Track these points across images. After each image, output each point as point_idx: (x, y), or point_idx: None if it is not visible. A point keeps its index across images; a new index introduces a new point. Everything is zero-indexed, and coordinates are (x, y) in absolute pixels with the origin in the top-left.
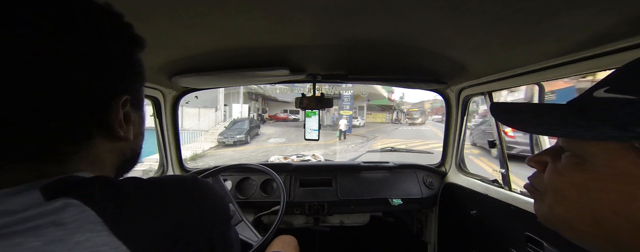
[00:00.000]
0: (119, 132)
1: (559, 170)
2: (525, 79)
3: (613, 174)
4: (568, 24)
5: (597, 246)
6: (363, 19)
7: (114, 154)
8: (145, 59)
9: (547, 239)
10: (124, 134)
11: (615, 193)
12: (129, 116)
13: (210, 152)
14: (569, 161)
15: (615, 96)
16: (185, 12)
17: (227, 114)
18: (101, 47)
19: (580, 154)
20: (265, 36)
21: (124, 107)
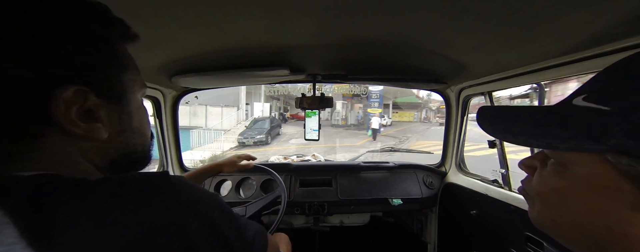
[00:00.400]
0: (71, 129)
1: (543, 176)
2: (525, 79)
3: (590, 185)
4: (568, 24)
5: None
6: (363, 19)
7: (93, 154)
8: (145, 59)
9: (547, 239)
10: (83, 131)
11: (592, 204)
12: (94, 111)
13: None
14: (553, 168)
15: (591, 106)
16: (185, 12)
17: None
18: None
19: (562, 162)
20: (265, 36)
21: (81, 100)
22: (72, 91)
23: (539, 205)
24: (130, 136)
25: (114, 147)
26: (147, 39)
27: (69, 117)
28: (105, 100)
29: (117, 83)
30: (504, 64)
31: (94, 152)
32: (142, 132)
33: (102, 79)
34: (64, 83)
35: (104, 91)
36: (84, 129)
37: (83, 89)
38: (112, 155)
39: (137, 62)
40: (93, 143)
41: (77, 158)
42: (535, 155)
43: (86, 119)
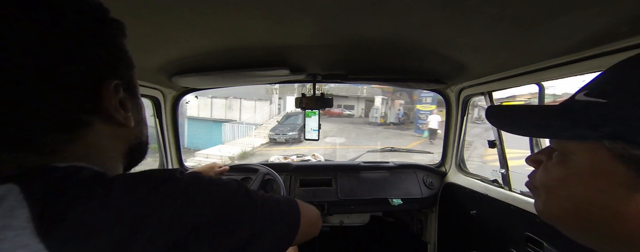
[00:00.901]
0: (117, 117)
1: (548, 167)
2: (525, 79)
3: (589, 170)
4: (568, 24)
5: (585, 240)
6: (363, 19)
7: (119, 141)
8: (145, 59)
9: (547, 239)
10: (123, 119)
11: (590, 187)
12: (124, 102)
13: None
14: (556, 158)
15: (591, 99)
16: (185, 12)
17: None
18: (83, 33)
19: (564, 152)
20: (265, 36)
21: (117, 92)
22: (114, 84)
23: (543, 195)
24: (142, 127)
25: (134, 135)
26: (147, 39)
27: (115, 106)
28: (128, 93)
29: (131, 79)
30: (504, 64)
31: (122, 139)
32: (146, 124)
33: (125, 75)
34: (109, 76)
35: (127, 86)
36: (124, 116)
37: (119, 82)
38: (132, 142)
39: (136, 62)
40: (124, 131)
41: (112, 143)
42: (541, 150)
43: (125, 108)
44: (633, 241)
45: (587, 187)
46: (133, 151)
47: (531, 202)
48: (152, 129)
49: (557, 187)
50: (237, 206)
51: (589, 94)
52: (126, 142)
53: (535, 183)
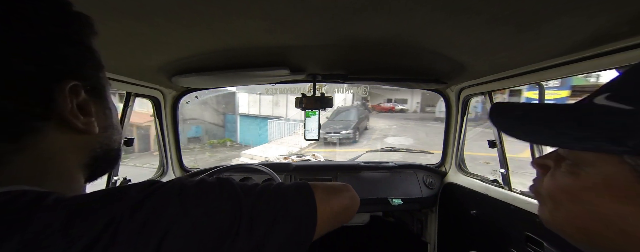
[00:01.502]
0: (74, 122)
1: (556, 176)
2: (525, 79)
3: (605, 187)
4: (568, 24)
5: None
6: (363, 19)
7: (78, 151)
8: (145, 59)
9: (547, 239)
10: (83, 125)
11: (606, 206)
12: (86, 105)
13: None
14: (567, 168)
15: (614, 105)
16: (185, 12)
17: None
18: (34, 25)
19: (576, 162)
20: (265, 36)
21: (75, 95)
22: (71, 85)
23: (550, 205)
24: (112, 132)
25: (99, 142)
26: (147, 38)
27: (72, 110)
28: (91, 96)
29: (98, 80)
30: (504, 64)
31: (82, 147)
32: (119, 130)
33: (88, 76)
34: (63, 77)
35: (90, 87)
36: (84, 122)
37: (77, 84)
38: (96, 151)
39: (137, 62)
40: (84, 138)
41: (69, 153)
42: (549, 154)
43: (82, 113)
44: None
45: (601, 207)
46: (97, 160)
47: (531, 202)
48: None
49: (566, 200)
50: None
51: (611, 98)
52: (88, 151)
53: (540, 190)
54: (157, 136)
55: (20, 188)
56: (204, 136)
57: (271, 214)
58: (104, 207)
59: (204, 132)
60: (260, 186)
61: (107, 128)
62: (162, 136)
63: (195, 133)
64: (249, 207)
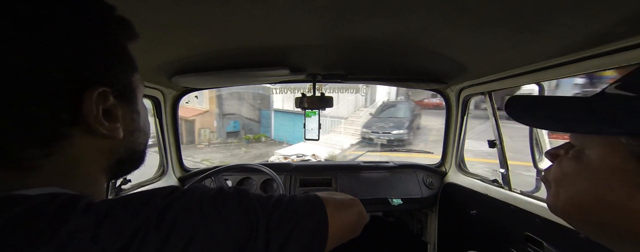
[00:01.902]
0: (98, 129)
1: (562, 162)
2: (525, 79)
3: (600, 166)
4: (568, 24)
5: (593, 235)
6: (363, 19)
7: (103, 154)
8: (145, 59)
9: (547, 239)
10: (107, 131)
11: (599, 182)
12: (113, 111)
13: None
14: (572, 153)
15: (621, 93)
16: (185, 11)
17: (367, 97)
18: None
19: (581, 147)
20: (266, 36)
21: (103, 101)
22: (98, 92)
23: (554, 189)
24: (138, 135)
25: (124, 146)
26: (147, 38)
27: (97, 117)
28: (120, 100)
29: (129, 83)
30: (504, 64)
31: (108, 152)
32: (146, 132)
33: (119, 80)
34: (92, 84)
35: (120, 92)
36: (108, 128)
37: (106, 89)
38: (121, 154)
39: (137, 62)
40: (110, 142)
41: (95, 158)
42: (561, 145)
43: (108, 119)
44: (634, 237)
45: (596, 183)
46: (121, 163)
47: (531, 202)
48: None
49: (567, 182)
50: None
51: (620, 87)
52: (113, 155)
53: (548, 177)
54: (157, 135)
55: (52, 190)
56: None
57: (286, 229)
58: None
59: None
60: (273, 198)
61: (134, 131)
62: (162, 136)
63: (234, 128)
64: (265, 221)
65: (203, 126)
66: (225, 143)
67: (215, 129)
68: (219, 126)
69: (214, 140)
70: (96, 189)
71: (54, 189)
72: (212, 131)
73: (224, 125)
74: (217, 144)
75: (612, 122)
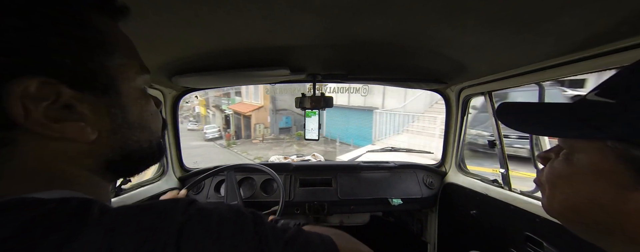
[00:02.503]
0: (43, 132)
1: (553, 165)
2: (525, 79)
3: (590, 169)
4: (568, 24)
5: (586, 236)
6: (363, 19)
7: (83, 158)
8: (145, 59)
9: (546, 239)
10: (58, 133)
11: (590, 185)
12: (74, 106)
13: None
14: (562, 156)
15: (600, 99)
16: (185, 12)
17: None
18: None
19: (570, 151)
20: (266, 36)
21: (46, 96)
22: (34, 84)
23: (548, 191)
24: (127, 132)
25: (109, 146)
26: (147, 38)
27: (34, 118)
28: (86, 92)
29: (99, 70)
30: (504, 64)
31: (83, 154)
32: (145, 126)
33: (76, 67)
34: (19, 75)
35: (81, 81)
36: (60, 130)
37: (49, 80)
38: (108, 156)
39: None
40: (79, 145)
41: (63, 162)
42: (552, 148)
43: (63, 117)
44: (629, 238)
45: (587, 185)
46: (116, 164)
47: (531, 202)
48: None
49: (560, 184)
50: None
51: (600, 94)
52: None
53: (541, 179)
54: None
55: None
56: (293, 127)
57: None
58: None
59: (293, 122)
60: (288, 233)
61: (118, 129)
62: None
63: (286, 123)
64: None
65: (258, 121)
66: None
67: (269, 124)
68: (272, 121)
69: (267, 135)
70: (97, 191)
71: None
72: (266, 126)
73: (276, 121)
74: (270, 139)
75: (597, 127)
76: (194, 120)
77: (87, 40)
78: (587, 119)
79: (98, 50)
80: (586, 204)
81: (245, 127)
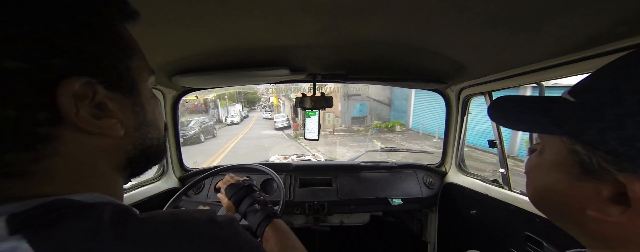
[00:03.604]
0: (85, 128)
1: (531, 157)
2: (525, 79)
3: (552, 160)
4: (568, 24)
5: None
6: (363, 18)
7: (109, 153)
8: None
9: (546, 239)
10: (99, 129)
11: (551, 175)
12: (106, 105)
13: None
14: (539, 149)
15: (568, 98)
16: (185, 12)
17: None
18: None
19: (543, 145)
20: (266, 36)
21: (88, 94)
22: (80, 84)
23: (527, 181)
24: (146, 130)
25: (132, 143)
26: (147, 38)
27: (81, 115)
28: (115, 92)
29: (125, 71)
30: (504, 64)
31: (112, 150)
32: (157, 125)
33: (108, 67)
34: (68, 74)
35: (112, 81)
36: (99, 126)
37: (90, 80)
38: (129, 152)
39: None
40: (112, 141)
41: (96, 159)
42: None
43: (99, 115)
44: (575, 219)
45: (548, 175)
46: (133, 161)
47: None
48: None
49: (531, 174)
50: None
51: (570, 93)
52: (121, 153)
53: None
54: None
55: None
56: (368, 116)
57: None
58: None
59: (368, 111)
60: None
61: (140, 126)
62: None
63: (360, 112)
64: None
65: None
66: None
67: (340, 112)
68: (343, 109)
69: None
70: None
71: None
72: (337, 115)
73: (348, 108)
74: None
75: (558, 124)
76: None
77: (115, 43)
78: (553, 116)
79: (123, 52)
80: (547, 191)
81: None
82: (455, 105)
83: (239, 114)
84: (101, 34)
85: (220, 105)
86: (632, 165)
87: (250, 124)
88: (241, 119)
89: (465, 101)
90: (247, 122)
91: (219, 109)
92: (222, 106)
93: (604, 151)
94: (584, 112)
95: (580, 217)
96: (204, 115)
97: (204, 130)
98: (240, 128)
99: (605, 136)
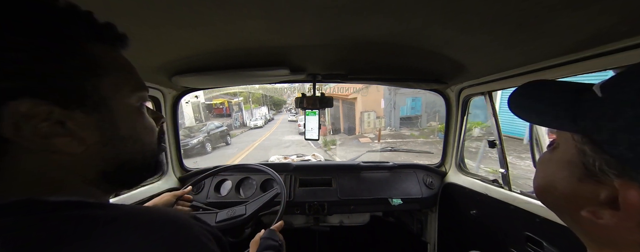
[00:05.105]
0: (29, 146)
1: (544, 152)
2: (525, 79)
3: (561, 159)
4: (568, 24)
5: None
6: (363, 18)
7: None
8: (145, 59)
9: (546, 239)
10: (46, 147)
11: (557, 171)
12: (65, 123)
13: None
14: (555, 144)
15: (597, 92)
16: (185, 12)
17: None
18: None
19: (558, 140)
20: (265, 36)
21: (36, 115)
22: (26, 106)
23: (535, 172)
24: (118, 145)
25: (100, 158)
26: (147, 38)
27: (24, 134)
28: (75, 111)
29: (91, 90)
30: (504, 64)
31: (76, 165)
32: (137, 139)
33: (66, 88)
34: (11, 97)
35: (72, 101)
36: (49, 144)
37: (40, 102)
38: (100, 166)
39: (136, 62)
40: (71, 157)
41: (57, 173)
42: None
43: (52, 133)
44: (573, 218)
45: (554, 172)
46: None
47: (531, 202)
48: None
49: (540, 168)
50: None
51: (601, 87)
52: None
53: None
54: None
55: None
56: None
57: None
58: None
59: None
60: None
61: (109, 141)
62: None
63: (412, 110)
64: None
65: (366, 108)
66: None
67: (383, 111)
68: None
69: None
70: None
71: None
72: (379, 115)
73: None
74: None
75: (573, 120)
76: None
77: (78, 65)
78: (572, 110)
79: (89, 72)
80: (549, 187)
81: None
82: (455, 106)
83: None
84: (59, 57)
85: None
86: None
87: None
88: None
89: (465, 101)
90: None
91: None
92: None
93: (609, 155)
94: (603, 108)
95: (577, 216)
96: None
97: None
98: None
99: (616, 138)
